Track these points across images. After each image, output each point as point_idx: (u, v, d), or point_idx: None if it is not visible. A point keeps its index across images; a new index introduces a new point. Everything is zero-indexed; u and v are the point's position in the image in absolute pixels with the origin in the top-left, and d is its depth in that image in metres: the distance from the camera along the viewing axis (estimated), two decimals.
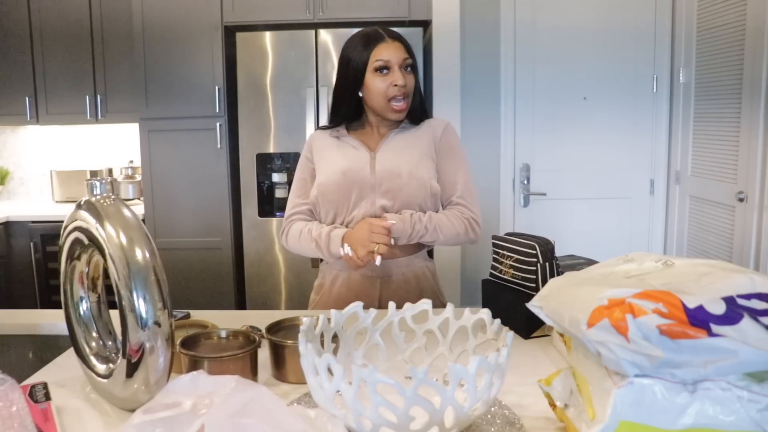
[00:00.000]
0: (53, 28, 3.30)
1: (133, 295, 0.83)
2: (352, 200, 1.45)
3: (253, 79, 2.99)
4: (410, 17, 2.97)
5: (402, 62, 1.43)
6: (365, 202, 1.45)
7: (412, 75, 1.46)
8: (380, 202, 1.44)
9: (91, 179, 0.91)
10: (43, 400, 0.89)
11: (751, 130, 2.44)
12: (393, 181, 1.44)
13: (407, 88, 1.44)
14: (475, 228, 1.49)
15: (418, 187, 1.45)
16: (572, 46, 3.10)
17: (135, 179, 3.53)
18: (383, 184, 1.44)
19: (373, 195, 1.45)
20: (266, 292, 3.11)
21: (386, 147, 1.49)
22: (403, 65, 1.44)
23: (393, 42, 1.44)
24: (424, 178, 1.46)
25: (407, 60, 1.45)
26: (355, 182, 1.45)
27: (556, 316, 0.75)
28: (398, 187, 1.44)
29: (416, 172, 1.45)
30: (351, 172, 1.45)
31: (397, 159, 1.46)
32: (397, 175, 1.44)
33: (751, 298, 0.66)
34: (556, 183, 3.20)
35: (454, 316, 0.99)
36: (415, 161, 1.46)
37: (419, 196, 1.45)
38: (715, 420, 0.65)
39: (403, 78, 1.43)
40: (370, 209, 1.45)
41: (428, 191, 1.46)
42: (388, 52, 1.43)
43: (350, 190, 1.45)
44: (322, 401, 0.75)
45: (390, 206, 1.44)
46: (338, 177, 1.46)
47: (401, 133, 1.51)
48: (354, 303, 0.97)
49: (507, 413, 0.87)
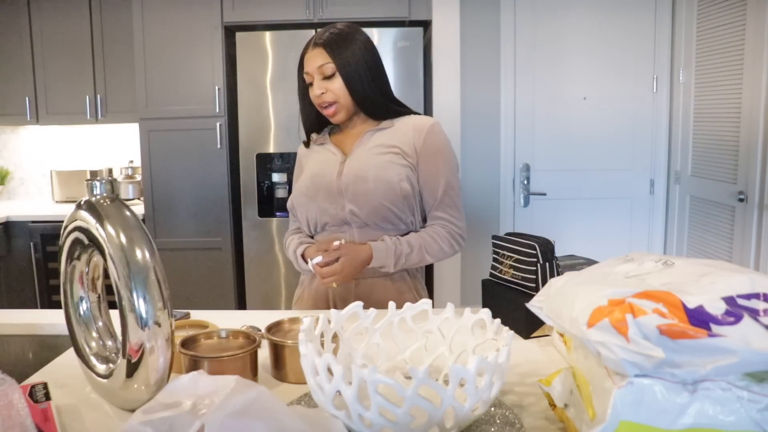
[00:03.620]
0: (53, 28, 3.30)
1: (133, 295, 0.83)
2: (322, 205, 1.44)
3: (253, 79, 2.99)
4: (410, 17, 2.97)
5: (318, 71, 1.41)
6: (334, 206, 1.43)
7: (335, 80, 1.41)
8: (349, 207, 1.42)
9: (91, 179, 0.91)
10: (43, 400, 0.88)
11: (751, 130, 2.44)
12: (358, 186, 1.41)
13: (327, 96, 1.42)
14: (459, 241, 1.48)
15: (386, 191, 1.40)
16: (572, 46, 3.10)
17: (135, 179, 3.53)
18: (349, 189, 1.42)
19: (342, 200, 1.42)
20: (266, 292, 3.11)
21: (358, 150, 1.47)
22: (321, 74, 1.41)
23: (314, 50, 1.42)
24: (392, 180, 1.41)
25: (324, 67, 1.40)
26: (321, 187, 1.44)
27: (556, 316, 0.75)
28: (365, 192, 1.41)
29: (383, 175, 1.41)
30: (318, 177, 1.45)
31: (365, 162, 1.43)
32: (362, 179, 1.41)
33: (751, 298, 0.66)
34: (556, 183, 3.20)
35: (454, 316, 0.99)
36: (383, 163, 1.42)
37: (388, 200, 1.41)
38: (715, 420, 0.65)
39: (320, 88, 1.41)
40: (339, 214, 1.43)
41: (398, 194, 1.41)
42: (308, 64, 1.43)
43: (318, 195, 1.44)
44: (322, 401, 0.75)
45: (358, 211, 1.41)
46: (307, 183, 1.46)
47: (377, 133, 1.47)
48: (354, 303, 0.97)
49: (507, 413, 0.87)
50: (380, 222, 1.43)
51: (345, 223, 1.44)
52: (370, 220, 1.42)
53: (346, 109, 1.45)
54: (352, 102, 1.44)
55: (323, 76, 1.41)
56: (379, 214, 1.41)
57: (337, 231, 1.45)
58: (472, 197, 3.21)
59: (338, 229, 1.45)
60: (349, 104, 1.45)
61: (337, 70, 1.41)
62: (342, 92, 1.42)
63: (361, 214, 1.42)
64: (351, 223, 1.44)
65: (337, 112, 1.45)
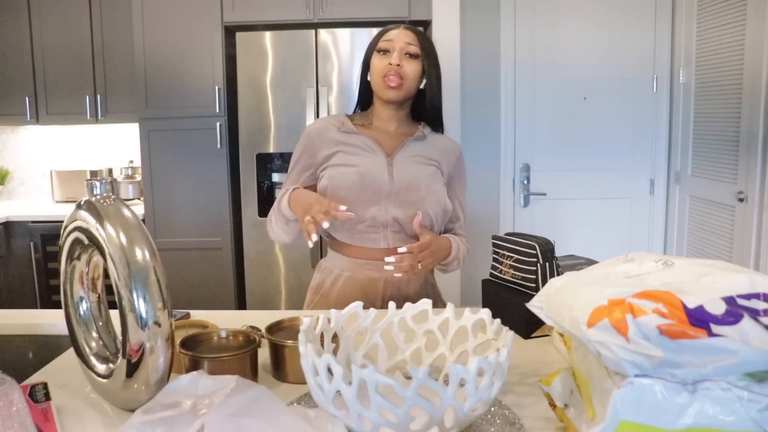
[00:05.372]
0: (53, 28, 3.30)
1: (133, 295, 0.83)
2: (364, 203, 1.41)
3: (253, 79, 2.99)
4: (410, 17, 2.97)
5: (404, 46, 1.43)
6: (377, 208, 1.42)
7: (415, 62, 1.44)
8: (393, 211, 1.42)
9: (91, 179, 0.91)
10: (43, 400, 0.88)
11: (751, 130, 2.44)
12: (411, 193, 1.42)
13: (402, 69, 1.42)
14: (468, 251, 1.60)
15: (434, 202, 1.44)
16: (572, 45, 3.10)
17: (135, 179, 3.53)
18: (400, 194, 1.42)
19: (387, 203, 1.42)
20: (266, 292, 3.11)
21: (404, 155, 1.46)
22: (405, 50, 1.43)
23: (404, 30, 1.46)
24: (440, 193, 1.46)
25: (411, 46, 1.44)
26: (371, 186, 1.41)
27: (556, 316, 0.75)
28: (416, 199, 1.42)
29: (433, 186, 1.45)
30: (369, 176, 1.42)
31: (415, 170, 1.45)
32: (415, 187, 1.43)
33: (751, 298, 0.66)
34: (556, 183, 3.20)
35: (454, 316, 0.99)
36: (431, 175, 1.46)
37: (432, 210, 1.44)
38: (715, 420, 0.65)
39: (399, 59, 1.42)
40: (382, 216, 1.42)
41: (441, 207, 1.46)
42: (397, 37, 1.44)
43: (364, 193, 1.41)
44: (322, 401, 0.75)
45: (402, 217, 1.42)
46: (355, 177, 1.42)
47: (417, 143, 1.49)
48: (354, 303, 0.97)
49: (507, 413, 0.87)
50: None
51: (383, 225, 1.43)
52: (409, 227, 1.43)
53: (407, 94, 1.46)
54: (413, 93, 1.47)
55: (407, 53, 1.44)
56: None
57: (373, 232, 1.44)
58: (472, 197, 3.20)
59: (374, 230, 1.44)
60: (411, 92, 1.46)
61: (423, 57, 1.45)
62: (414, 76, 1.45)
63: (404, 220, 1.43)
64: (389, 227, 1.43)
65: (400, 88, 1.44)
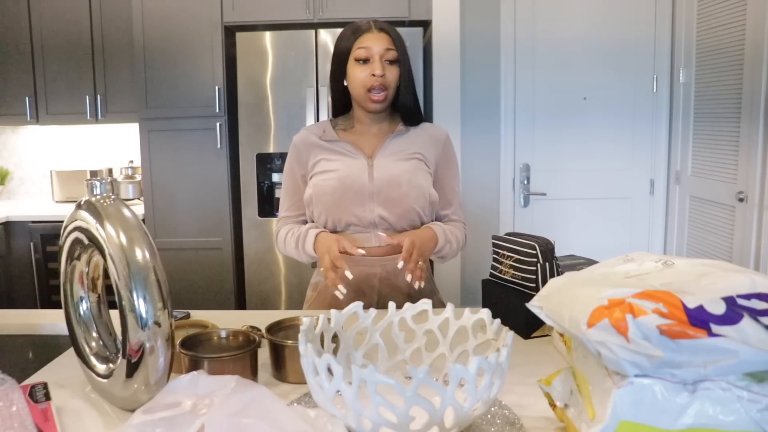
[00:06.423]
0: (53, 28, 3.30)
1: (133, 295, 0.83)
2: (348, 207, 1.43)
3: (253, 79, 2.99)
4: (410, 17, 2.97)
5: (383, 53, 1.40)
6: (362, 209, 1.43)
7: (394, 68, 1.42)
8: (378, 210, 1.43)
9: (91, 179, 0.91)
10: (43, 400, 0.89)
11: (751, 130, 2.44)
12: (393, 190, 1.42)
13: (385, 79, 1.40)
14: (466, 238, 1.58)
15: (418, 196, 1.44)
16: (572, 46, 3.10)
17: (135, 179, 3.53)
18: (382, 193, 1.43)
19: (371, 203, 1.43)
20: (266, 292, 3.11)
21: (384, 153, 1.46)
22: (385, 57, 1.41)
23: (378, 33, 1.42)
24: (423, 186, 1.45)
25: (390, 52, 1.41)
26: (351, 189, 1.42)
27: (556, 316, 0.75)
28: (398, 197, 1.42)
29: (415, 181, 1.44)
30: (348, 179, 1.43)
31: (396, 167, 1.44)
32: (396, 184, 1.42)
33: (751, 298, 0.66)
34: (556, 183, 3.20)
35: (454, 316, 0.99)
36: (413, 169, 1.45)
37: (418, 204, 1.44)
38: (715, 420, 0.65)
39: (382, 69, 1.39)
40: (368, 216, 1.43)
41: (427, 200, 1.46)
42: (370, 41, 1.41)
43: (346, 197, 1.43)
44: (322, 401, 0.75)
45: (388, 215, 1.43)
46: (335, 183, 1.43)
47: (398, 138, 1.48)
48: (354, 303, 0.97)
49: (507, 413, 0.87)
50: (406, 225, 1.45)
51: (372, 225, 1.44)
52: (398, 224, 1.44)
53: (389, 101, 1.45)
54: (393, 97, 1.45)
55: (386, 59, 1.41)
56: (408, 218, 1.45)
57: (363, 232, 1.45)
58: (472, 197, 3.21)
59: (364, 230, 1.45)
60: (391, 98, 1.45)
61: (400, 61, 1.43)
62: (396, 81, 1.44)
63: (390, 217, 1.43)
64: (378, 226, 1.44)
65: (385, 100, 1.43)
